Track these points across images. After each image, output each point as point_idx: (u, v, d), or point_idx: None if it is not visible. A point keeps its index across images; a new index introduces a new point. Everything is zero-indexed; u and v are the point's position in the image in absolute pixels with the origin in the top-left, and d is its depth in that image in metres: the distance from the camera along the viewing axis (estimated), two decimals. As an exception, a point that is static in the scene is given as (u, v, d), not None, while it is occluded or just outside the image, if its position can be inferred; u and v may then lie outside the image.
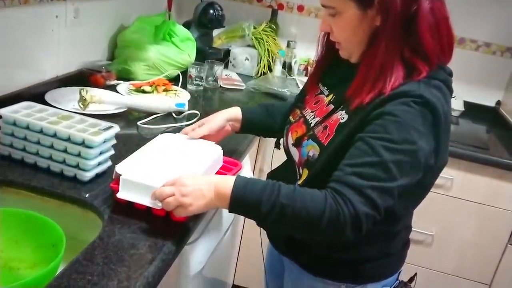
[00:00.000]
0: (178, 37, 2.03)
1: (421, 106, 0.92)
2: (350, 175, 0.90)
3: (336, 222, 0.88)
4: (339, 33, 1.02)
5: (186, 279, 1.16)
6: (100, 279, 0.81)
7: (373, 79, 0.95)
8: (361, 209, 0.87)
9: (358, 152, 0.92)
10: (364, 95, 0.95)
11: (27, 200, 1.06)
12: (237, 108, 1.32)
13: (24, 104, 1.16)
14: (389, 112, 0.92)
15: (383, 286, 1.12)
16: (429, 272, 2.10)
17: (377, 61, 0.95)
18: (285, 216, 0.90)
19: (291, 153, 1.16)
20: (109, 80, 1.77)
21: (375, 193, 0.88)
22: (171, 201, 0.93)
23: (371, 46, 0.97)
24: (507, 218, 1.97)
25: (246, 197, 0.91)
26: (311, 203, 0.89)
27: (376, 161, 0.89)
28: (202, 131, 1.24)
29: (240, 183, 0.93)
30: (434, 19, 0.95)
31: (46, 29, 1.54)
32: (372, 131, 0.92)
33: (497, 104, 2.51)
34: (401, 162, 0.90)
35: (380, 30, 0.95)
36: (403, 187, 0.91)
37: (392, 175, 0.89)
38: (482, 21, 2.39)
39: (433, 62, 0.96)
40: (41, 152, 1.10)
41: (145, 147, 1.15)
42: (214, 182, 0.95)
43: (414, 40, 0.95)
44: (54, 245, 0.92)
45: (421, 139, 0.91)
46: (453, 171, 1.92)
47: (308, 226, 0.91)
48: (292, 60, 2.47)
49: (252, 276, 2.18)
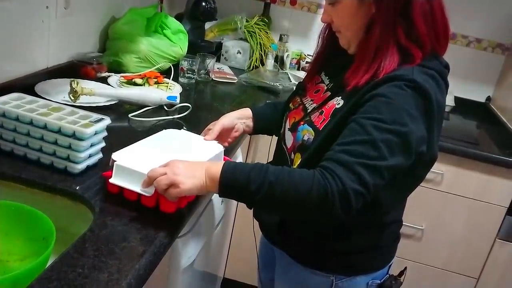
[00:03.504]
0: (170, 30, 2.02)
1: (412, 90, 0.93)
2: (339, 152, 0.90)
3: (324, 197, 0.87)
4: (339, 21, 1.05)
5: (177, 272, 1.16)
6: (90, 271, 0.81)
7: (368, 62, 0.98)
8: (349, 184, 0.87)
9: (349, 132, 0.93)
10: (360, 77, 0.97)
11: (17, 193, 1.05)
12: (247, 108, 1.33)
13: (14, 95, 1.14)
14: (381, 94, 0.93)
15: (373, 279, 1.13)
16: (418, 266, 2.11)
17: (372, 45, 0.98)
18: (273, 194, 0.90)
19: (285, 139, 1.17)
20: (100, 72, 1.76)
21: (364, 169, 0.88)
22: (163, 179, 0.93)
23: (367, 32, 1.00)
24: (496, 213, 1.99)
25: (236, 178, 0.92)
26: (299, 180, 0.89)
27: (366, 139, 0.90)
28: (216, 129, 1.22)
29: (230, 164, 0.95)
30: (429, 5, 0.97)
31: (36, 19, 1.53)
32: (364, 112, 0.94)
33: (487, 100, 2.53)
34: (391, 141, 0.90)
35: (375, 15, 0.98)
36: (393, 169, 0.91)
37: (381, 154, 0.89)
38: (474, 17, 2.40)
39: (426, 48, 0.98)
40: (31, 144, 1.09)
41: (145, 139, 1.15)
42: (205, 165, 0.96)
43: (408, 25, 0.97)
44: (44, 237, 0.91)
45: (412, 122, 0.92)
46: (443, 166, 1.94)
47: (296, 203, 0.90)
48: (285, 54, 2.47)
49: (243, 270, 2.18)
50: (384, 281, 1.14)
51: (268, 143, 1.81)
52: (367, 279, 1.13)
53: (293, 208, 0.92)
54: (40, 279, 0.77)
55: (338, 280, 1.11)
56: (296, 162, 1.07)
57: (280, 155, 1.18)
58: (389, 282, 1.14)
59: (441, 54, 1.03)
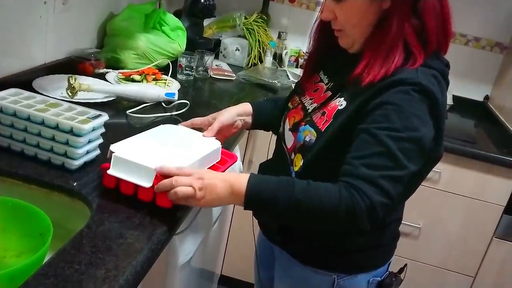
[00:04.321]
0: (168, 26, 2.01)
1: (419, 94, 0.93)
2: (360, 167, 0.91)
3: (353, 215, 0.89)
4: (346, 19, 1.02)
5: (174, 269, 1.16)
6: (88, 268, 0.80)
7: (383, 57, 0.96)
8: (376, 199, 0.89)
9: (364, 144, 0.93)
10: (375, 73, 0.96)
11: (14, 189, 1.05)
12: (247, 103, 1.31)
13: (11, 91, 1.14)
14: (388, 101, 0.93)
15: (373, 276, 1.13)
16: (415, 264, 2.12)
17: (388, 41, 0.96)
18: (300, 212, 0.91)
19: (285, 139, 1.17)
20: (98, 68, 1.75)
21: (387, 182, 0.90)
22: (187, 191, 0.92)
23: (380, 28, 0.98)
24: (493, 212, 1.99)
25: (261, 195, 0.92)
26: (326, 197, 0.90)
27: (383, 151, 0.90)
28: (215, 126, 1.21)
29: (255, 180, 0.94)
30: (439, 4, 0.97)
31: (34, 15, 1.52)
32: (374, 122, 0.93)
33: (485, 99, 2.53)
34: (407, 149, 0.91)
35: (392, 11, 0.96)
36: (412, 174, 0.93)
37: (400, 163, 0.90)
38: (472, 15, 2.40)
39: (431, 47, 0.98)
40: (29, 140, 1.09)
41: (143, 133, 1.15)
42: (230, 180, 0.95)
43: (417, 22, 0.96)
44: (41, 234, 0.91)
45: (423, 126, 0.93)
46: (441, 165, 1.93)
47: (323, 220, 0.92)
48: (283, 51, 2.47)
49: (240, 267, 2.18)
50: (385, 279, 1.15)
51: (267, 141, 1.80)
52: (368, 277, 1.13)
53: (320, 224, 0.96)
54: (37, 275, 0.77)
55: (339, 278, 1.11)
56: (297, 162, 1.07)
57: (280, 154, 1.17)
58: (389, 279, 1.15)
59: (444, 53, 1.03)
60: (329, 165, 0.97)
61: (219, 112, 1.27)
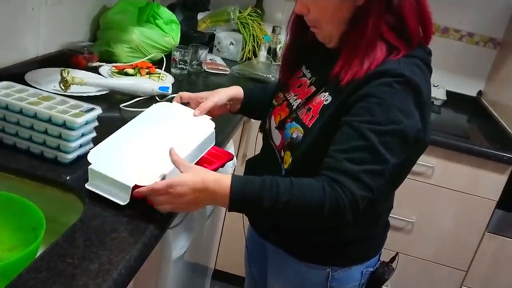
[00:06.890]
0: (162, 20, 2.00)
1: (403, 85, 0.93)
2: (343, 161, 0.91)
3: (337, 210, 0.90)
4: (319, 13, 1.01)
5: (168, 263, 1.16)
6: (81, 262, 0.80)
7: (362, 55, 0.96)
8: (358, 194, 0.90)
9: (346, 137, 0.93)
10: (354, 71, 0.95)
11: (6, 182, 1.04)
12: (239, 88, 1.29)
13: (3, 83, 1.13)
14: (371, 94, 0.93)
15: (366, 267, 1.14)
16: (408, 258, 2.13)
17: (365, 39, 0.96)
18: (286, 212, 0.91)
19: (272, 137, 1.16)
20: (91, 62, 1.74)
21: (369, 176, 0.90)
22: (168, 208, 0.94)
23: (356, 25, 0.97)
24: (486, 206, 2.00)
25: (245, 197, 0.92)
26: (310, 195, 0.90)
27: (365, 145, 0.91)
28: (208, 105, 1.20)
29: (238, 184, 0.92)
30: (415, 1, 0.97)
31: (26, 7, 1.51)
32: (357, 115, 0.93)
33: (478, 94, 2.54)
34: (389, 143, 0.91)
35: (366, 9, 0.96)
36: (394, 167, 0.93)
37: (381, 157, 0.91)
38: (466, 11, 2.40)
39: (414, 42, 0.98)
40: (21, 133, 1.08)
41: (132, 121, 1.13)
42: (210, 188, 0.92)
43: (394, 18, 0.96)
44: (34, 228, 0.91)
45: (406, 118, 0.92)
46: (434, 159, 1.95)
47: (309, 218, 0.93)
48: (277, 45, 2.46)
49: (234, 261, 2.18)
50: (377, 269, 1.16)
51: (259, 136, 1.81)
52: (361, 268, 1.14)
53: (305, 221, 0.96)
54: (30, 269, 0.77)
55: (334, 271, 1.11)
56: (287, 159, 1.07)
57: (269, 152, 1.17)
58: (381, 269, 1.16)
59: (427, 44, 1.03)
60: (319, 161, 0.96)
61: (212, 92, 1.25)
